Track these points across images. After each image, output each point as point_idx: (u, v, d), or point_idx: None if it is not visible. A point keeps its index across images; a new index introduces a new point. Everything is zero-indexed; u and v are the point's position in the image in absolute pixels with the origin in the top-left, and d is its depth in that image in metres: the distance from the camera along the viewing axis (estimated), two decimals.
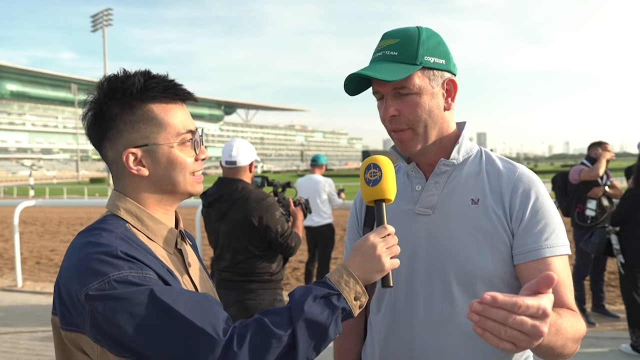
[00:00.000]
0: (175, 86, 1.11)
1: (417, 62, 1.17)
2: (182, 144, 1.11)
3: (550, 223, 1.18)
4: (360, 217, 1.45)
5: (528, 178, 1.22)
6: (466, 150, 1.28)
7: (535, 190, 1.21)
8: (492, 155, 1.30)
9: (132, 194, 1.11)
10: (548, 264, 1.16)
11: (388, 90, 1.19)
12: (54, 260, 9.32)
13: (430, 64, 1.18)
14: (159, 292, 0.94)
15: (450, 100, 1.23)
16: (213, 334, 0.92)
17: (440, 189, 1.26)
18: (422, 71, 1.18)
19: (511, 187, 1.21)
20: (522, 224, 1.18)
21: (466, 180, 1.25)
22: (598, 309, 5.21)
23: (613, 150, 5.30)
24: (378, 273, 1.05)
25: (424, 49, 1.18)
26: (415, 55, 1.17)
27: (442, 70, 1.21)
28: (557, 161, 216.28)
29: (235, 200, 2.78)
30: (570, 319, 1.09)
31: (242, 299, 2.75)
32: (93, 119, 1.09)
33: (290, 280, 7.22)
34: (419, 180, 1.29)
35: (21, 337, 4.77)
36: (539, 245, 1.16)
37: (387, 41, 1.21)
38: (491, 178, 1.24)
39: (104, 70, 55.05)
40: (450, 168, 1.27)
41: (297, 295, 0.99)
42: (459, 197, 1.24)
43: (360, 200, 1.46)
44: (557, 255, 1.17)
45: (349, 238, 1.49)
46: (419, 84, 1.18)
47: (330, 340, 1.00)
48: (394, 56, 1.18)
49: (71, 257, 1.01)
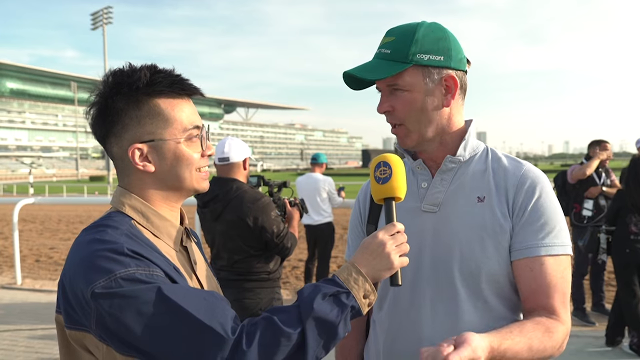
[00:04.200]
0: (182, 81, 1.09)
1: (408, 61, 1.17)
2: (189, 139, 1.09)
3: (550, 222, 1.17)
4: (363, 214, 1.44)
5: (534, 175, 1.22)
6: (473, 148, 1.28)
7: (539, 188, 1.20)
8: (498, 153, 1.30)
9: (138, 190, 1.09)
10: (540, 263, 1.15)
11: (383, 86, 1.22)
12: (53, 258, 9.31)
13: (423, 61, 1.18)
14: (167, 290, 0.92)
15: (450, 97, 1.22)
16: (222, 333, 0.91)
17: (446, 187, 1.25)
18: (414, 68, 1.18)
19: (516, 184, 1.21)
20: (522, 220, 1.18)
21: (472, 177, 1.25)
22: (597, 308, 5.21)
23: (612, 149, 5.30)
24: (387, 271, 1.04)
25: (416, 47, 1.18)
26: (406, 53, 1.18)
27: (439, 67, 1.20)
28: (556, 160, 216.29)
29: (230, 201, 2.75)
30: (533, 337, 1.09)
31: (240, 298, 2.74)
32: (98, 113, 1.07)
33: (290, 278, 7.22)
34: (425, 177, 1.29)
35: (20, 335, 4.76)
36: (534, 243, 1.16)
37: (386, 39, 1.23)
38: (497, 175, 1.24)
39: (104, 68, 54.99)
40: (457, 165, 1.26)
41: (306, 293, 0.98)
42: (465, 195, 1.23)
43: (364, 197, 1.45)
44: (553, 255, 1.16)
45: (351, 235, 1.48)
46: (410, 81, 1.18)
47: (340, 339, 0.99)
48: (387, 54, 1.20)
49: (76, 254, 0.99)
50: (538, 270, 1.15)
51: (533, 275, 1.16)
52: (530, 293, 1.17)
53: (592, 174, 5.22)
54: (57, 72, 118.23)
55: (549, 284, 1.15)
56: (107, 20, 60.52)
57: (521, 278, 1.17)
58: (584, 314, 5.00)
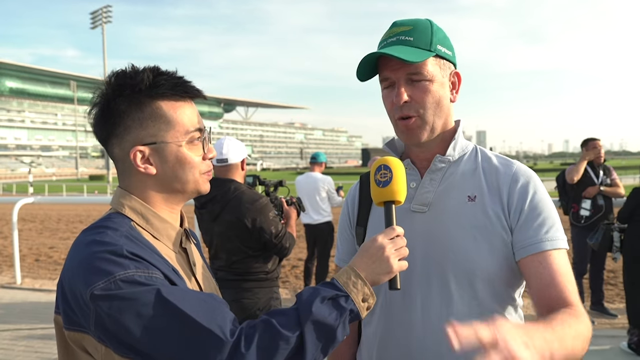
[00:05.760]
0: (185, 83, 1.09)
1: (432, 49, 1.17)
2: (191, 142, 1.09)
3: (549, 217, 1.17)
4: (352, 217, 1.42)
5: (525, 173, 1.22)
6: (462, 147, 1.27)
7: (532, 185, 1.20)
8: (487, 152, 1.30)
9: (138, 192, 1.09)
10: (549, 256, 1.14)
11: (401, 75, 1.18)
12: (53, 257, 9.31)
13: (442, 53, 1.19)
14: (166, 292, 0.92)
15: (455, 93, 1.24)
16: (220, 335, 0.91)
17: (435, 186, 1.24)
18: (435, 59, 1.19)
19: (509, 183, 1.20)
20: (521, 218, 1.17)
21: (462, 177, 1.24)
22: (597, 308, 5.21)
23: (612, 148, 5.30)
24: (386, 275, 1.04)
25: (436, 37, 1.19)
26: (430, 41, 1.17)
27: (450, 62, 1.22)
28: (556, 159, 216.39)
29: (228, 202, 2.74)
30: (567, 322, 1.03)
31: (238, 298, 2.73)
32: (100, 115, 1.07)
33: (289, 278, 7.22)
34: (413, 177, 1.28)
35: (20, 335, 4.76)
36: (539, 238, 1.15)
37: (401, 28, 1.20)
38: (488, 175, 1.23)
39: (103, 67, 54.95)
40: (446, 165, 1.25)
41: (305, 296, 0.98)
42: (456, 194, 1.22)
43: (353, 200, 1.43)
44: (558, 248, 1.16)
45: (340, 238, 1.47)
46: (432, 71, 1.18)
47: (338, 343, 0.99)
48: (410, 41, 1.17)
49: (75, 255, 0.99)
50: (548, 263, 1.14)
51: (544, 268, 1.13)
52: (544, 286, 1.13)
53: (590, 174, 5.21)
54: (57, 71, 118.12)
55: (561, 275, 1.13)
56: (107, 19, 60.44)
57: (532, 273, 1.15)
58: None
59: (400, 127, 1.22)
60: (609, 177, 5.27)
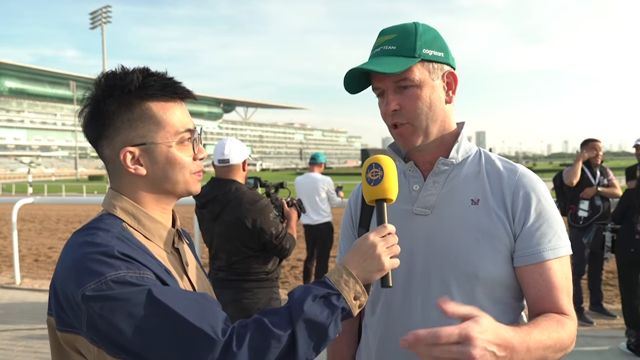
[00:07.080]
0: (174, 84, 1.09)
1: (416, 55, 1.16)
2: (181, 143, 1.09)
3: (552, 224, 1.17)
4: (355, 218, 1.42)
5: (529, 179, 1.21)
6: (465, 150, 1.27)
7: (537, 192, 1.19)
8: (491, 155, 1.29)
9: (129, 192, 1.09)
10: (548, 267, 1.14)
11: (389, 84, 1.18)
12: (52, 257, 9.31)
13: (429, 56, 1.17)
14: (157, 293, 0.92)
15: (452, 93, 1.23)
16: (212, 334, 0.91)
17: (439, 189, 1.24)
18: (421, 64, 1.17)
19: (513, 188, 1.19)
20: (525, 226, 1.16)
21: (465, 180, 1.24)
22: (596, 308, 5.22)
23: (611, 149, 5.32)
24: (378, 272, 1.04)
25: (421, 41, 1.17)
26: (413, 48, 1.16)
27: (441, 63, 1.20)
28: (555, 160, 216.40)
29: (229, 202, 2.75)
30: (550, 328, 1.06)
31: (239, 298, 2.74)
32: (90, 116, 1.07)
33: (289, 278, 7.22)
34: (416, 179, 1.27)
35: (19, 335, 4.76)
36: (542, 247, 1.15)
37: (385, 37, 1.20)
38: (492, 178, 1.22)
39: (103, 68, 54.91)
40: (449, 167, 1.25)
41: (296, 295, 0.98)
42: (459, 197, 1.22)
43: (355, 201, 1.43)
44: (559, 257, 1.16)
45: (342, 239, 1.47)
46: (419, 76, 1.17)
47: (330, 341, 1.00)
48: (393, 50, 1.17)
49: (67, 257, 0.99)
50: (547, 275, 1.14)
51: (542, 280, 1.14)
52: (540, 298, 1.16)
53: (587, 175, 5.22)
54: (56, 72, 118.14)
55: (557, 287, 1.14)
56: (106, 19, 60.39)
57: (530, 284, 1.16)
58: (582, 314, 5.00)
59: (394, 134, 1.24)
60: (606, 178, 5.27)
